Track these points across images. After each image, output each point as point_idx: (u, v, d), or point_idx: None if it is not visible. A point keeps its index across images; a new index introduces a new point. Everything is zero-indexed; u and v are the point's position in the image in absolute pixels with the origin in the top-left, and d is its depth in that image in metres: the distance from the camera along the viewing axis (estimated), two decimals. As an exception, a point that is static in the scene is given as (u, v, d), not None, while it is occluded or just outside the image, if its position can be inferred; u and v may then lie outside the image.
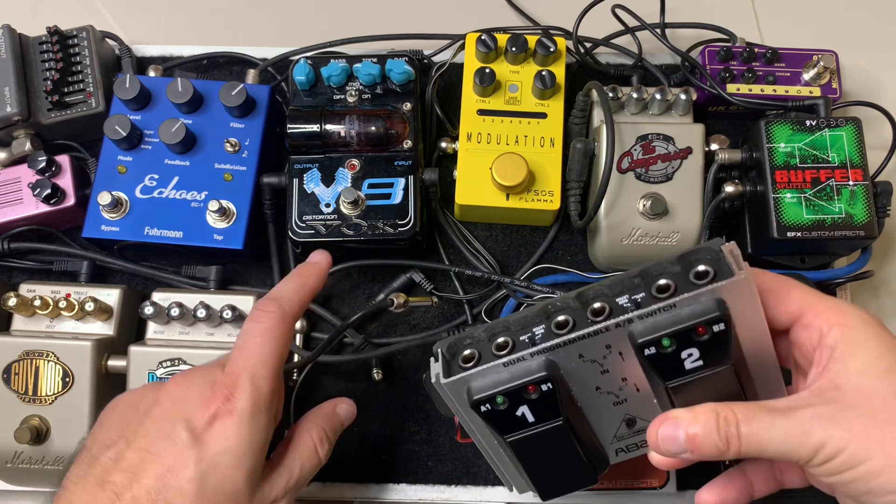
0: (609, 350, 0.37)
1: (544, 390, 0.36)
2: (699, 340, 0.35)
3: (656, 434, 0.37)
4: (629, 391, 0.38)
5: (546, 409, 0.37)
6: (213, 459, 0.41)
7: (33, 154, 0.63)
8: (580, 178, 0.62)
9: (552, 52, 0.63)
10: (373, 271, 0.66)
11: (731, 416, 0.35)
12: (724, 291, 0.34)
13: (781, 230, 0.57)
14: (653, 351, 0.35)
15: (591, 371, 0.37)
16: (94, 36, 0.66)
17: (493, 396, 0.37)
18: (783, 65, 0.67)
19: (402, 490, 0.61)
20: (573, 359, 0.37)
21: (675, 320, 0.35)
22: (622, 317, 0.35)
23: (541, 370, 0.36)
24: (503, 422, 0.38)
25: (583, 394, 0.38)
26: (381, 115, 0.62)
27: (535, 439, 0.38)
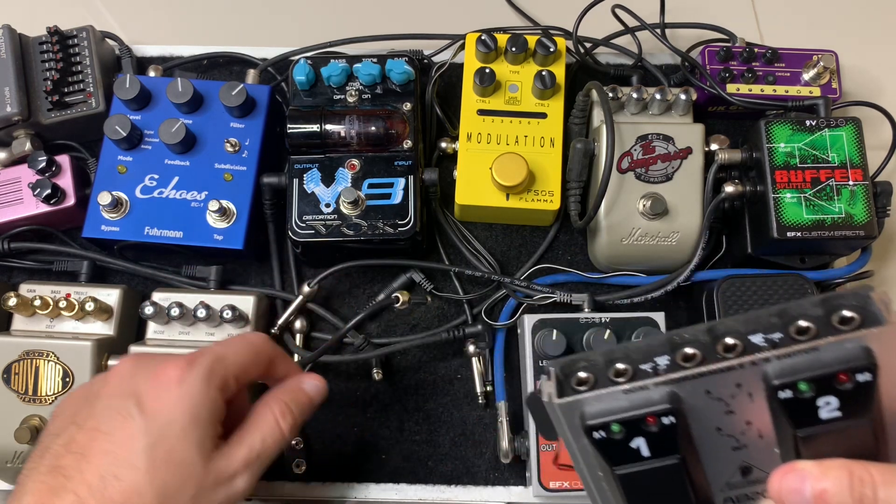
0: (739, 389, 0.35)
1: (665, 423, 0.34)
2: (840, 389, 0.33)
3: (779, 484, 0.34)
4: (751, 437, 0.36)
5: (663, 444, 0.35)
6: (160, 430, 0.40)
7: (33, 154, 0.63)
8: (580, 178, 0.62)
9: (552, 52, 0.63)
10: (373, 271, 0.66)
11: (868, 477, 0.32)
12: (871, 339, 0.32)
13: (781, 230, 0.57)
14: (788, 395, 0.33)
15: (716, 410, 0.35)
16: (94, 36, 0.66)
17: (609, 424, 0.35)
18: (783, 65, 0.67)
19: (402, 490, 0.61)
20: (699, 394, 0.35)
21: (816, 364, 0.33)
22: (760, 354, 0.33)
23: (664, 401, 0.34)
24: (615, 452, 0.36)
25: (702, 433, 0.36)
26: (381, 115, 0.62)
27: (647, 476, 0.36)
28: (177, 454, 0.41)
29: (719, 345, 0.34)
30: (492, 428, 0.62)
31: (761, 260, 0.61)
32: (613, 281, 0.63)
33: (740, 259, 0.64)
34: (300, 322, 0.63)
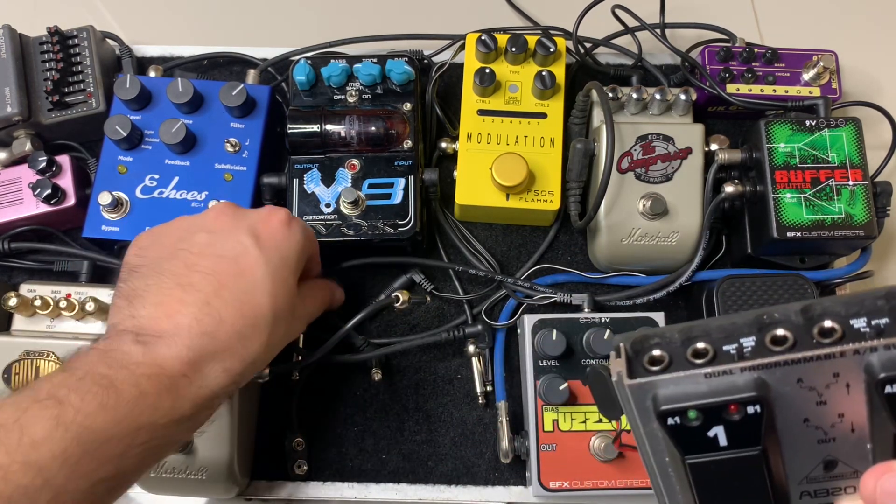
0: (836, 379, 0.31)
1: (749, 413, 0.31)
2: None
3: (874, 485, 0.31)
4: (842, 430, 0.33)
5: (745, 435, 0.32)
6: (277, 262, 0.47)
7: (33, 154, 0.63)
8: (580, 178, 0.62)
9: (552, 53, 0.63)
10: (373, 271, 0.66)
11: None
12: None
13: (781, 230, 0.57)
14: (895, 389, 0.30)
15: (807, 400, 0.32)
16: (94, 36, 0.66)
17: (686, 410, 0.31)
18: (783, 65, 0.67)
19: (402, 490, 0.61)
20: (790, 383, 0.31)
21: None
22: (866, 343, 0.30)
23: (750, 389, 0.31)
24: (689, 440, 0.32)
25: (787, 423, 0.33)
26: (382, 116, 0.62)
27: (721, 466, 0.33)
28: (288, 284, 0.48)
29: (815, 328, 0.30)
30: (492, 428, 0.62)
31: (761, 260, 0.61)
32: (613, 281, 0.63)
33: (740, 259, 0.64)
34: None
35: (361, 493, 0.61)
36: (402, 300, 0.59)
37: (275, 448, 0.62)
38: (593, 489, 0.56)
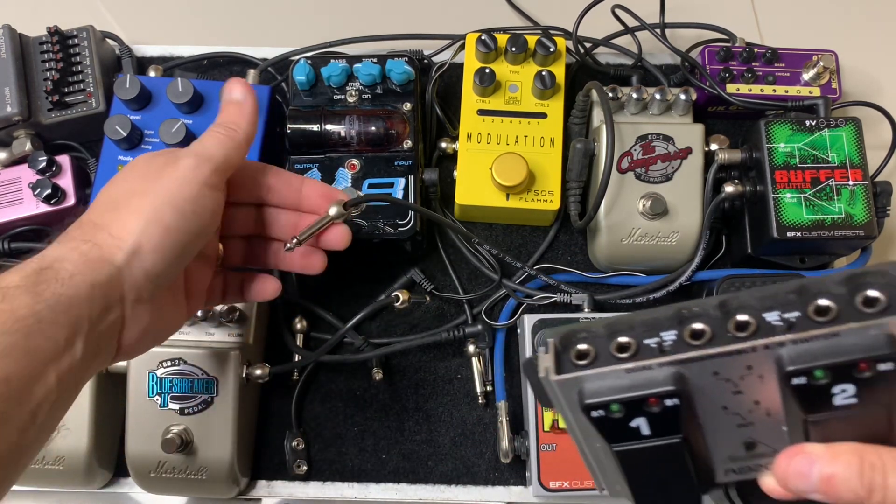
0: (749, 371, 0.32)
1: (668, 405, 0.32)
2: (858, 377, 0.31)
3: (786, 466, 0.33)
4: (759, 415, 0.35)
5: (665, 425, 0.33)
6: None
7: (33, 154, 0.63)
8: (580, 178, 0.62)
9: (552, 53, 0.63)
10: (372, 271, 0.66)
11: (878, 462, 0.31)
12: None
13: (781, 230, 0.57)
14: (802, 381, 0.31)
15: (723, 390, 0.33)
16: (94, 36, 0.66)
17: (609, 404, 0.33)
18: (783, 65, 0.67)
19: (402, 490, 0.61)
20: (706, 375, 0.33)
21: (835, 350, 0.30)
22: (776, 338, 0.31)
23: (668, 383, 0.32)
24: (614, 430, 0.34)
25: (706, 411, 0.34)
26: (381, 115, 0.62)
27: (646, 453, 0.34)
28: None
29: (731, 322, 0.32)
30: (492, 428, 0.62)
31: (761, 260, 0.61)
32: (613, 281, 0.64)
33: (740, 259, 0.64)
34: (300, 322, 0.63)
35: (361, 493, 0.61)
36: (402, 300, 0.59)
37: (275, 448, 0.62)
38: (593, 489, 0.56)
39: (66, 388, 0.36)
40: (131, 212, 0.40)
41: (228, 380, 0.56)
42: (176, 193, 0.41)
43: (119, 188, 0.42)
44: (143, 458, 0.56)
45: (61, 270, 0.37)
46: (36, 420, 0.35)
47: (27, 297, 0.35)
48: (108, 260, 0.38)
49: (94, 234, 0.39)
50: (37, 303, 0.35)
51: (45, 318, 0.35)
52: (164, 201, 0.40)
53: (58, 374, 0.35)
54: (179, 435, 0.54)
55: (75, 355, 0.36)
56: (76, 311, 0.36)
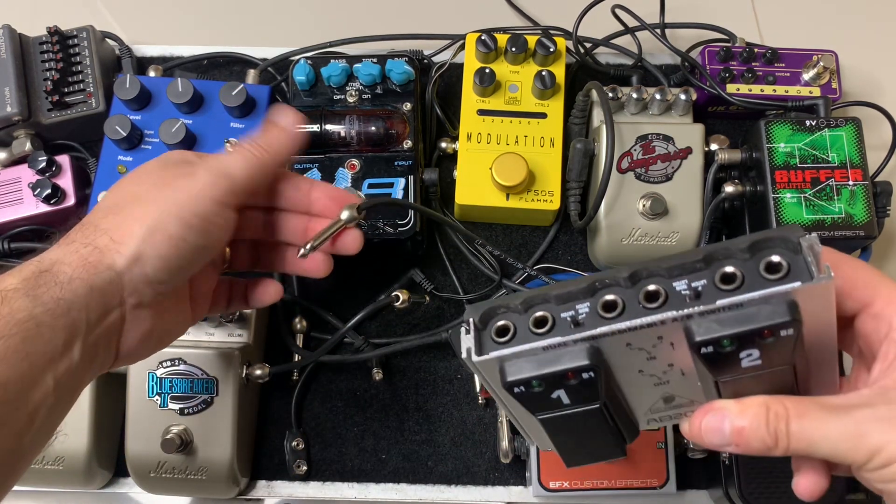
0: (660, 340, 0.34)
1: (584, 378, 0.34)
2: (763, 343, 0.32)
3: (700, 425, 0.35)
4: (673, 375, 0.36)
5: (584, 395, 0.35)
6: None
7: (33, 154, 0.63)
8: (580, 178, 0.62)
9: (552, 53, 0.63)
10: (373, 271, 0.66)
11: (783, 411, 0.33)
12: (798, 295, 0.31)
13: (781, 230, 0.57)
14: (710, 350, 0.33)
15: (638, 357, 0.35)
16: (94, 36, 0.66)
17: (529, 381, 0.34)
18: (783, 65, 0.67)
19: (402, 490, 0.61)
20: (619, 347, 0.34)
21: (740, 320, 0.32)
22: (681, 311, 0.32)
23: (583, 359, 0.33)
24: (537, 402, 0.36)
25: (623, 376, 0.36)
26: (381, 115, 0.62)
27: (569, 419, 0.36)
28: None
29: (641, 293, 0.33)
30: (492, 428, 0.62)
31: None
32: (613, 281, 0.63)
33: (740, 259, 0.63)
34: (300, 322, 0.63)
35: (361, 493, 0.61)
36: (402, 300, 0.59)
37: (275, 448, 0.62)
38: (593, 489, 0.57)
39: (63, 392, 0.36)
40: (135, 218, 0.39)
41: (228, 380, 0.56)
42: (185, 207, 0.39)
43: (126, 191, 0.41)
44: (143, 458, 0.56)
45: (60, 274, 0.37)
46: (33, 424, 0.34)
47: (26, 301, 0.35)
48: (107, 264, 0.38)
49: (95, 237, 0.39)
50: (35, 306, 0.35)
51: (44, 322, 0.35)
52: (171, 212, 0.39)
53: (55, 378, 0.35)
54: (179, 435, 0.54)
55: (73, 359, 0.36)
56: (74, 315, 0.36)
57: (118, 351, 0.40)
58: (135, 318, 0.39)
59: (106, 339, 0.38)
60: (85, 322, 0.36)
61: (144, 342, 0.41)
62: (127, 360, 0.41)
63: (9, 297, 0.35)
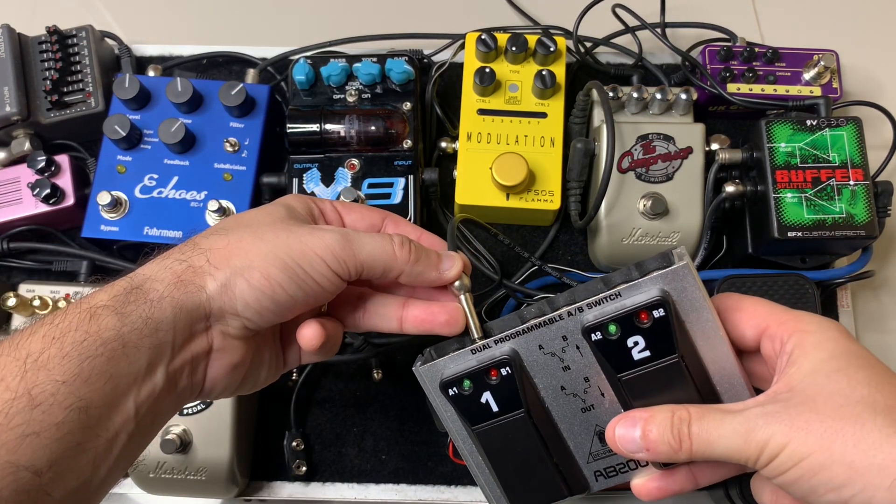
0: (566, 343, 0.39)
1: (504, 374, 0.39)
2: (643, 327, 0.37)
3: (614, 432, 0.38)
4: (594, 395, 0.40)
5: (508, 398, 0.39)
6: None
7: (33, 154, 0.62)
8: (580, 178, 0.62)
9: (552, 52, 0.63)
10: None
11: (685, 415, 0.36)
12: (664, 280, 0.37)
13: (782, 230, 0.57)
14: (599, 336, 0.38)
15: (554, 366, 0.40)
16: (93, 36, 0.66)
17: (461, 379, 0.39)
18: (784, 64, 0.66)
19: (402, 490, 0.61)
20: (534, 349, 0.39)
21: (621, 308, 0.37)
22: (573, 305, 0.38)
23: (503, 354, 0.39)
24: (470, 409, 0.40)
25: (549, 393, 0.40)
26: (381, 115, 0.62)
27: (500, 433, 0.40)
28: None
29: (552, 308, 0.39)
30: (492, 428, 0.62)
31: (762, 260, 0.61)
32: (614, 281, 0.63)
33: (741, 259, 0.63)
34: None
35: (361, 494, 0.61)
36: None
37: (275, 448, 0.62)
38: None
39: (144, 418, 0.34)
40: (239, 246, 0.37)
41: (228, 380, 0.56)
42: (295, 256, 0.37)
43: (243, 218, 0.40)
44: (143, 458, 0.55)
45: (151, 291, 0.35)
46: (112, 452, 0.33)
47: (114, 319, 0.33)
48: (198, 284, 0.36)
49: (193, 254, 0.37)
50: (123, 325, 0.33)
51: (130, 341, 0.33)
52: (278, 255, 0.37)
53: (136, 403, 0.34)
54: (179, 435, 0.54)
55: (156, 383, 0.35)
56: (161, 336, 0.34)
57: (204, 380, 0.38)
58: (222, 347, 0.38)
59: (192, 364, 0.37)
60: (170, 344, 0.35)
61: (231, 375, 0.39)
62: (213, 391, 0.39)
63: (98, 313, 0.33)
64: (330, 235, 0.38)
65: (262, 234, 0.38)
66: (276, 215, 0.40)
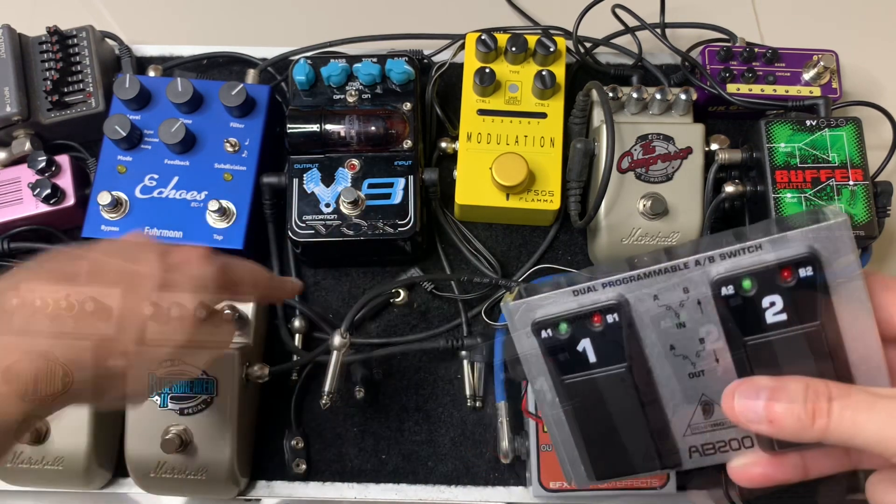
0: (687, 296, 0.34)
1: (609, 322, 0.34)
2: (784, 286, 0.32)
3: (733, 398, 0.33)
4: (707, 361, 0.35)
5: (610, 349, 0.35)
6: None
7: (33, 154, 0.63)
8: (580, 178, 0.62)
9: (552, 52, 0.63)
10: (372, 272, 0.66)
11: (824, 389, 0.31)
12: (815, 236, 0.32)
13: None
14: (731, 291, 0.33)
15: (667, 321, 0.35)
16: (93, 36, 0.66)
17: (557, 322, 0.35)
18: (783, 65, 0.66)
19: (402, 490, 0.61)
20: (647, 299, 0.34)
21: (759, 260, 0.32)
22: (703, 254, 0.33)
23: (608, 299, 0.34)
24: (563, 356, 0.36)
25: (655, 352, 0.36)
26: (381, 115, 0.62)
27: (594, 387, 0.36)
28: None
29: (671, 256, 0.34)
30: (492, 428, 0.62)
31: (761, 260, 0.61)
32: (613, 281, 0.63)
33: (740, 259, 0.63)
34: (299, 322, 0.63)
35: (361, 494, 0.61)
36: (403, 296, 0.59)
37: (275, 448, 0.62)
38: (593, 489, 0.56)
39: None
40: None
41: (228, 380, 0.56)
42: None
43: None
44: (143, 458, 0.56)
45: None
46: None
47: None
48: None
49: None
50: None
51: None
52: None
53: None
54: (179, 435, 0.54)
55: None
56: None
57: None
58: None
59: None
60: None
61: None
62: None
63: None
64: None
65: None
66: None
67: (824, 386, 0.31)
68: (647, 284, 0.34)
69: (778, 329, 0.33)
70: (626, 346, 0.35)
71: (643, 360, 0.36)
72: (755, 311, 0.33)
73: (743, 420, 0.33)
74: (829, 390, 0.31)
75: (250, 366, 0.57)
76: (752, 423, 0.33)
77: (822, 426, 0.31)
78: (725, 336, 0.34)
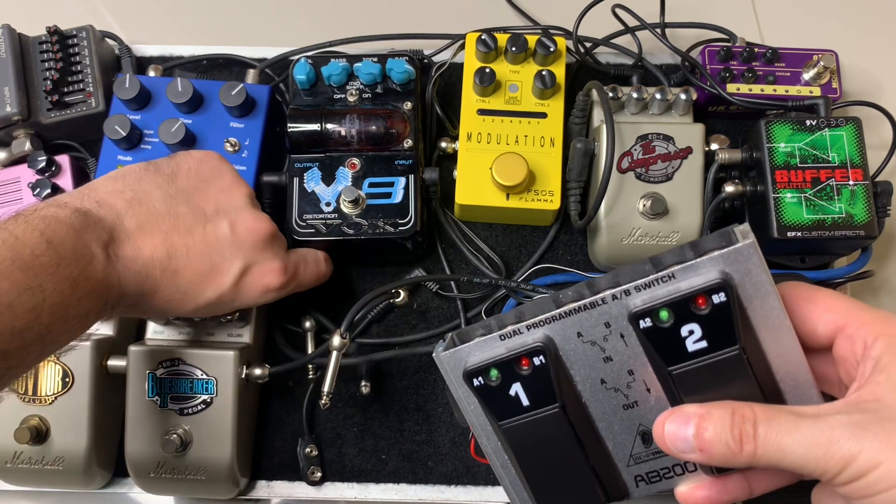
0: (609, 330, 0.34)
1: (537, 364, 0.35)
2: (700, 314, 0.32)
3: (663, 428, 0.34)
4: (638, 391, 0.36)
5: (541, 391, 0.35)
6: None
7: (33, 154, 0.63)
8: (580, 178, 0.62)
9: (552, 52, 0.63)
10: (373, 272, 0.66)
11: (749, 413, 0.31)
12: (725, 261, 0.32)
13: (782, 230, 0.57)
14: (649, 323, 0.33)
15: (593, 357, 0.35)
16: (93, 36, 0.66)
17: (487, 368, 0.35)
18: (783, 64, 0.67)
19: (402, 490, 0.61)
20: (572, 337, 0.35)
21: (675, 290, 0.32)
22: (618, 288, 0.33)
23: (536, 342, 0.35)
24: (497, 402, 0.36)
25: (587, 387, 0.36)
26: (382, 115, 0.62)
27: (531, 429, 0.36)
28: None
29: (593, 292, 0.34)
30: (492, 428, 0.62)
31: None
32: (613, 281, 0.63)
33: (740, 259, 0.63)
34: (309, 322, 0.62)
35: (361, 493, 0.61)
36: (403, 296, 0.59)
37: (275, 448, 0.62)
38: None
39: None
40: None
41: (228, 380, 0.56)
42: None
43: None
44: (143, 458, 0.56)
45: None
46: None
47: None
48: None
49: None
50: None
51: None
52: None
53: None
54: (179, 435, 0.54)
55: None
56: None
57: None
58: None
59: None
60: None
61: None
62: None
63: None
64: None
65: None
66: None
67: (750, 410, 0.32)
68: (570, 323, 0.34)
69: (700, 356, 0.33)
70: (557, 387, 0.35)
71: (576, 397, 0.36)
72: (675, 341, 0.33)
73: (674, 451, 0.33)
74: (755, 414, 0.32)
75: (250, 366, 0.57)
76: (683, 454, 0.33)
77: (751, 451, 0.31)
78: (652, 366, 0.35)
